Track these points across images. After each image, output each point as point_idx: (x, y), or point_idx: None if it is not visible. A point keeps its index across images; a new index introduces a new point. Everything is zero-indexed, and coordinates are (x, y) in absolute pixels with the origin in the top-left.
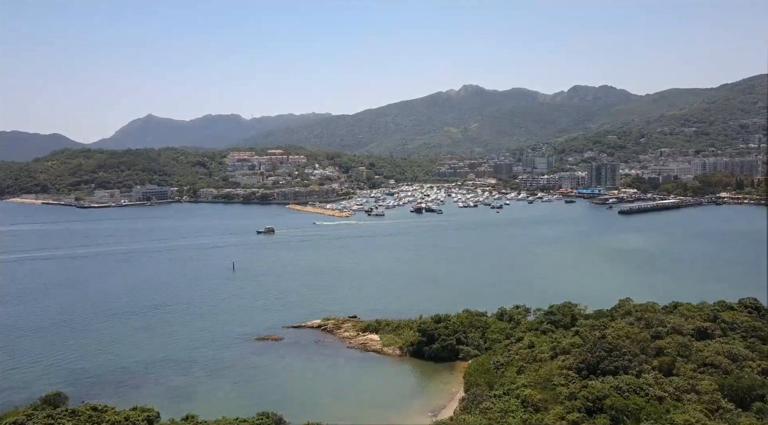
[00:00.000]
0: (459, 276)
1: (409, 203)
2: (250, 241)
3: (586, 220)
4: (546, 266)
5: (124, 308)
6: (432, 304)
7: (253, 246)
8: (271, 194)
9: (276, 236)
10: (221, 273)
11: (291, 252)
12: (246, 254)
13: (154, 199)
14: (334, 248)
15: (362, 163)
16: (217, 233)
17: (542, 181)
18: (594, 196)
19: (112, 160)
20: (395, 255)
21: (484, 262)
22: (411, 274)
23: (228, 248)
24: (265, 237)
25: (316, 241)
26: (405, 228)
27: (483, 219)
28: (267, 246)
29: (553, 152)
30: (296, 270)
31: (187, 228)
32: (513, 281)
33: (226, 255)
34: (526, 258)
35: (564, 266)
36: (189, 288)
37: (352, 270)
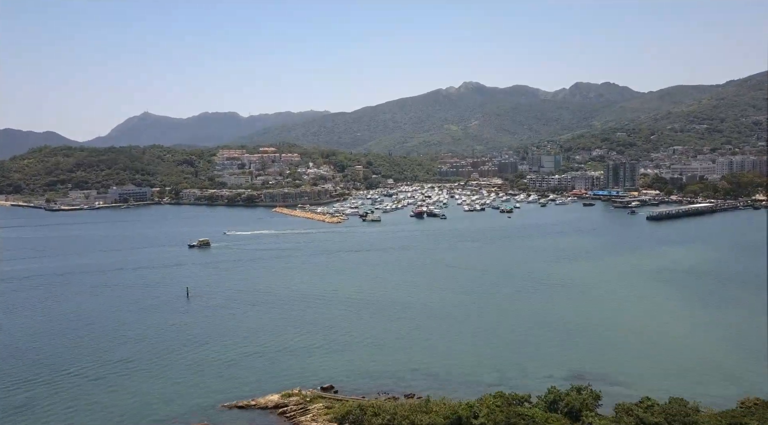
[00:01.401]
0: (477, 315)
1: (408, 206)
2: (182, 258)
3: (612, 228)
4: (592, 299)
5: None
6: (443, 368)
7: (179, 266)
8: (258, 196)
9: (225, 249)
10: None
11: (241, 274)
12: (162, 275)
13: (132, 201)
14: (315, 267)
15: (359, 161)
16: (158, 243)
17: (553, 182)
18: (613, 199)
19: (92, 159)
20: (392, 278)
21: (509, 292)
22: (412, 310)
23: (145, 270)
24: (199, 252)
25: (288, 258)
26: (404, 237)
27: (493, 225)
28: (204, 265)
29: (560, 150)
30: (255, 300)
31: (135, 238)
32: (556, 327)
33: (127, 281)
34: (561, 284)
35: (617, 298)
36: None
37: (332, 300)
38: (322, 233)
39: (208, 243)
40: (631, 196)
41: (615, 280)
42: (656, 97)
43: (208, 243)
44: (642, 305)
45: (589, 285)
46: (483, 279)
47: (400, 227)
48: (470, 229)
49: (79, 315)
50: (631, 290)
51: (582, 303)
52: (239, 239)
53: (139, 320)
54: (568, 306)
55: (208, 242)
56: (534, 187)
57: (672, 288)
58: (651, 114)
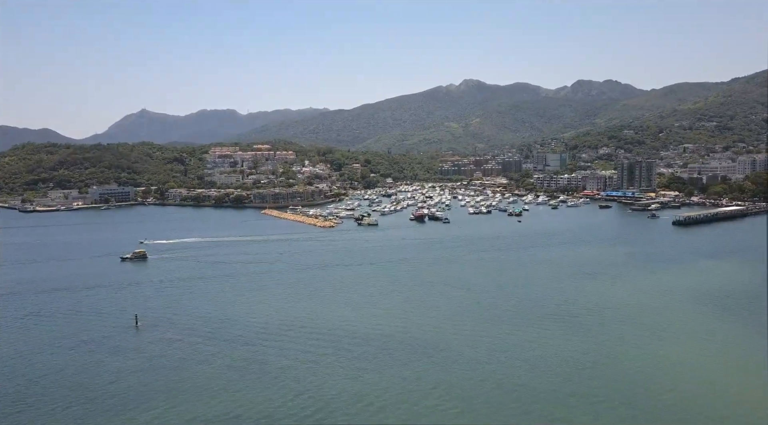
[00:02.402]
0: (500, 373)
1: (408, 207)
2: (106, 276)
3: (637, 235)
4: (644, 341)
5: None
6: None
7: (117, 287)
8: (247, 196)
9: (167, 262)
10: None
11: (194, 297)
12: (100, 297)
13: (113, 201)
14: (290, 289)
15: (357, 159)
16: (99, 252)
17: (562, 182)
18: (630, 200)
19: (76, 156)
20: (382, 304)
21: (535, 334)
22: (412, 356)
23: (71, 290)
24: (132, 266)
25: (254, 275)
26: (403, 246)
27: (502, 231)
28: (141, 283)
29: (565, 148)
30: (218, 335)
31: (82, 246)
32: (607, 392)
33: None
34: (599, 316)
35: (674, 337)
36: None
37: (301, 336)
38: (308, 241)
39: (145, 255)
40: (647, 197)
41: (662, 309)
42: (659, 94)
43: (144, 256)
44: (708, 348)
45: (633, 318)
46: (500, 307)
47: (398, 232)
48: (477, 236)
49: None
50: (685, 324)
51: (631, 346)
52: (190, 249)
53: (67, 365)
54: (615, 352)
55: (144, 254)
56: (542, 187)
57: (734, 321)
58: (656, 111)
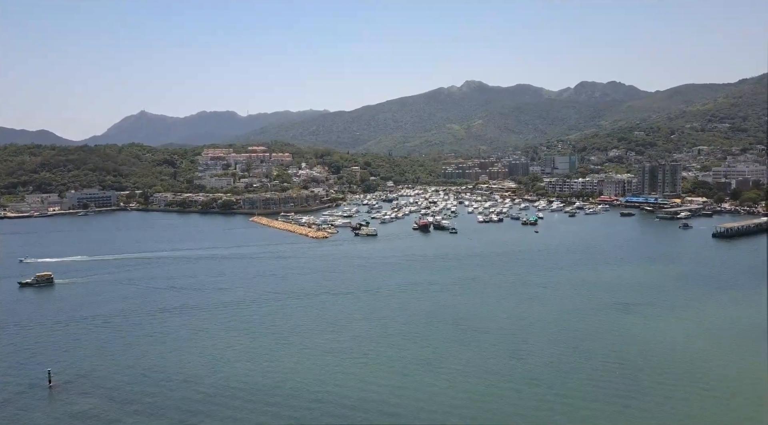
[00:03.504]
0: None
1: (411, 214)
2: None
3: (676, 250)
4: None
5: None
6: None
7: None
8: (237, 201)
9: (82, 286)
10: None
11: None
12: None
13: (93, 207)
14: (252, 334)
15: (356, 162)
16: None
17: (576, 186)
18: (653, 207)
19: (59, 158)
20: (383, 368)
21: (590, 411)
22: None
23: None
24: (35, 295)
25: (212, 309)
26: (405, 264)
27: (518, 244)
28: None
29: (572, 150)
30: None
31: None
32: None
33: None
34: (671, 383)
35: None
36: None
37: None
38: (291, 258)
39: (51, 278)
40: (672, 203)
41: (753, 367)
42: (665, 96)
43: (50, 279)
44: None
45: (717, 382)
46: (539, 360)
47: (400, 245)
48: (490, 250)
49: None
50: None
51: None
52: (119, 269)
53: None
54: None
55: (50, 278)
56: (554, 191)
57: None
58: (663, 113)
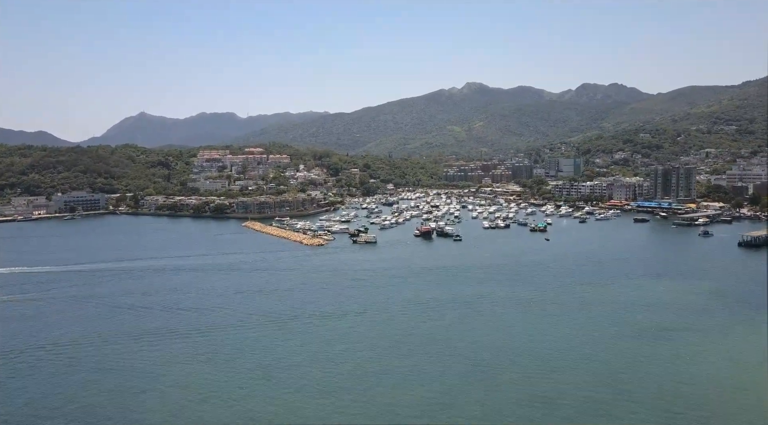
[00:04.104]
0: None
1: (412, 219)
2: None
3: (700, 261)
4: None
5: None
6: None
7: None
8: (230, 205)
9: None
10: None
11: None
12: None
13: (80, 210)
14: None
15: (355, 164)
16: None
17: (584, 190)
18: (667, 212)
19: (50, 159)
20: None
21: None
22: None
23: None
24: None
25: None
26: (406, 277)
27: (529, 254)
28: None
29: (576, 153)
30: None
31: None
32: None
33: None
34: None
35: None
36: None
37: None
38: (282, 272)
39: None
40: (687, 209)
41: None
42: (668, 98)
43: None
44: None
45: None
46: (578, 419)
47: (401, 254)
48: (499, 261)
49: None
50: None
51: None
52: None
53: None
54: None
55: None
56: (560, 195)
57: None
58: (667, 115)
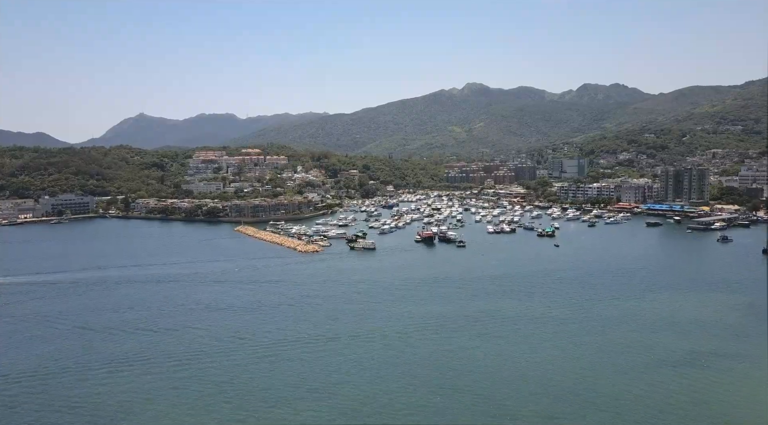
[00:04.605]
0: None
1: (413, 222)
2: None
3: (725, 270)
4: None
5: None
6: None
7: None
8: (223, 208)
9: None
10: None
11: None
12: None
13: (69, 214)
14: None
15: (354, 165)
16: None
17: (591, 192)
18: (679, 215)
19: (41, 161)
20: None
21: None
22: None
23: None
24: None
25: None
26: (405, 289)
27: (539, 262)
28: None
29: (580, 153)
30: None
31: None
32: None
33: None
34: None
35: None
36: None
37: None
38: (271, 283)
39: None
40: (700, 212)
41: None
42: (670, 98)
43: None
44: None
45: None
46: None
47: (401, 262)
48: (507, 270)
49: None
50: None
51: None
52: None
53: None
54: None
55: None
56: (566, 197)
57: None
58: (670, 115)
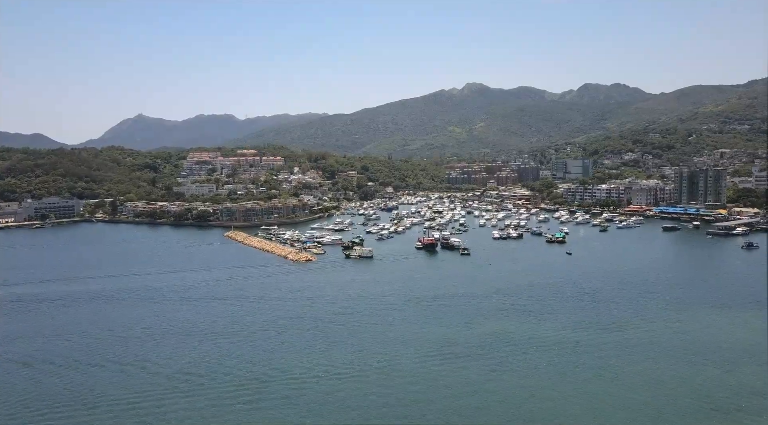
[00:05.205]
0: None
1: (413, 227)
2: None
3: (759, 281)
4: None
5: None
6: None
7: None
8: (214, 212)
9: None
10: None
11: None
12: None
13: (52, 218)
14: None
15: (353, 166)
16: None
17: (599, 194)
18: (695, 218)
19: (28, 162)
20: None
21: None
22: None
23: None
24: None
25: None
26: (406, 308)
27: (552, 273)
28: None
29: (583, 153)
30: None
31: None
32: None
33: None
34: None
35: None
36: None
37: None
38: (252, 301)
39: None
40: (717, 215)
41: None
42: (672, 97)
43: None
44: None
45: None
46: None
47: (400, 273)
48: (518, 282)
49: None
50: None
51: None
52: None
53: None
54: None
55: None
56: (573, 199)
57: None
58: (673, 115)
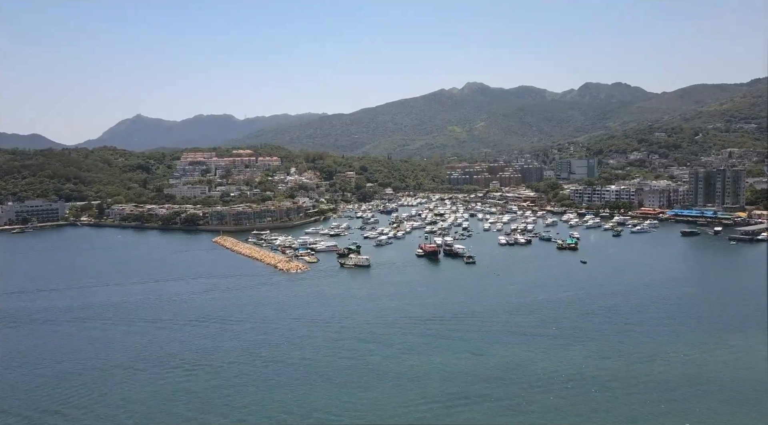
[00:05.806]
0: None
1: (413, 231)
2: None
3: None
4: None
5: None
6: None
7: None
8: (203, 215)
9: None
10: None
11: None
12: None
13: (35, 221)
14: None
15: (351, 166)
16: None
17: (609, 195)
18: (713, 221)
19: (15, 163)
20: None
21: None
22: None
23: None
24: None
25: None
26: (405, 332)
27: (567, 285)
28: None
29: (587, 153)
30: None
31: None
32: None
33: None
34: None
35: None
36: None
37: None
38: (228, 322)
39: None
40: (736, 218)
41: None
42: (674, 96)
43: None
44: None
45: None
46: None
47: (400, 287)
48: (531, 297)
49: None
50: None
51: None
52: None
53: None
54: None
55: None
56: (580, 201)
57: None
58: (676, 114)
